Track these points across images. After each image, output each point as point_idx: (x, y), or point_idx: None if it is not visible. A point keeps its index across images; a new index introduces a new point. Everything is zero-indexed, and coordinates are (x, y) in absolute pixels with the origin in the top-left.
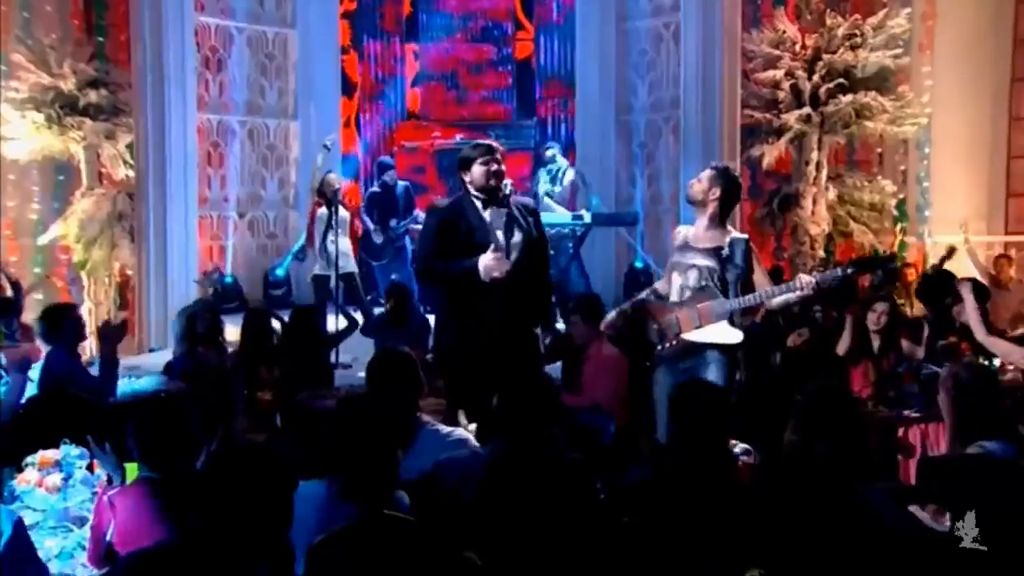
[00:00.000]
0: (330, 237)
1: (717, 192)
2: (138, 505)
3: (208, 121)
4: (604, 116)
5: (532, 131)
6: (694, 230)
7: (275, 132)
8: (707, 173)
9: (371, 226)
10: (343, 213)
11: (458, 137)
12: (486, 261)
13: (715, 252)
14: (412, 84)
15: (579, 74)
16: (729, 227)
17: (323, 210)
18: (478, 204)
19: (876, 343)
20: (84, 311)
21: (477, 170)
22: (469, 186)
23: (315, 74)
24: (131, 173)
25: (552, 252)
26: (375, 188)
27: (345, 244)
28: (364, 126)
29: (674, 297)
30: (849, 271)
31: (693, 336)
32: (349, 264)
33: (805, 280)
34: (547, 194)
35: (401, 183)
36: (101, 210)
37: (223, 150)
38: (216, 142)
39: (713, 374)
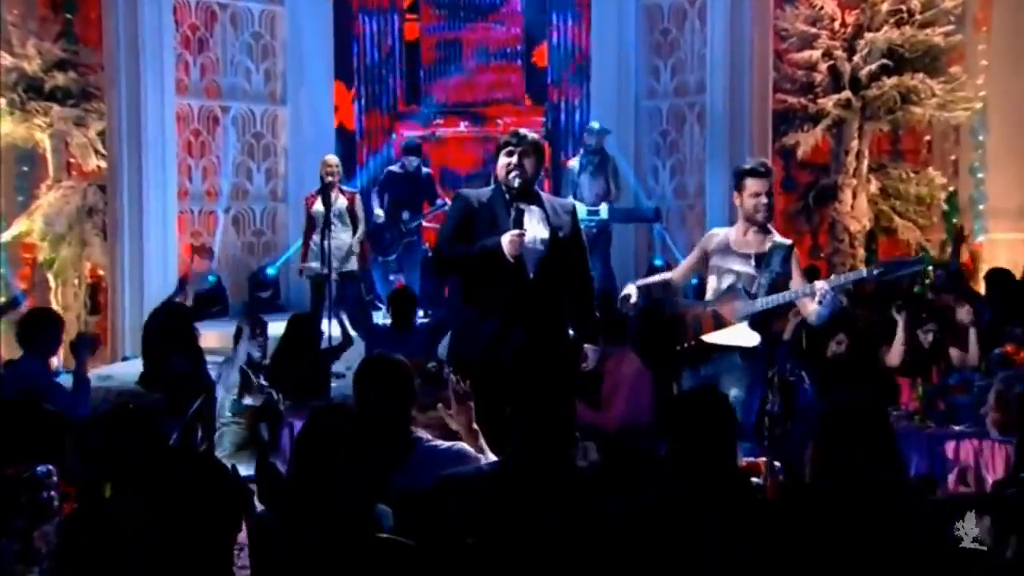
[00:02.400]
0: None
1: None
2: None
3: (188, 107)
4: (622, 101)
5: (543, 118)
6: (735, 233)
7: (262, 119)
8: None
9: (374, 206)
10: (340, 202)
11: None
12: (510, 236)
13: (756, 258)
14: (412, 67)
15: (595, 55)
16: (772, 230)
17: (318, 206)
18: (507, 198)
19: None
20: None
21: (499, 161)
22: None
23: (306, 55)
24: (103, 163)
25: None
26: (395, 168)
27: (346, 238)
28: (359, 115)
29: (709, 298)
30: (875, 273)
31: (712, 338)
32: (349, 263)
33: (818, 286)
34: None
35: (425, 170)
36: (70, 204)
37: (205, 139)
38: (197, 130)
39: (734, 383)
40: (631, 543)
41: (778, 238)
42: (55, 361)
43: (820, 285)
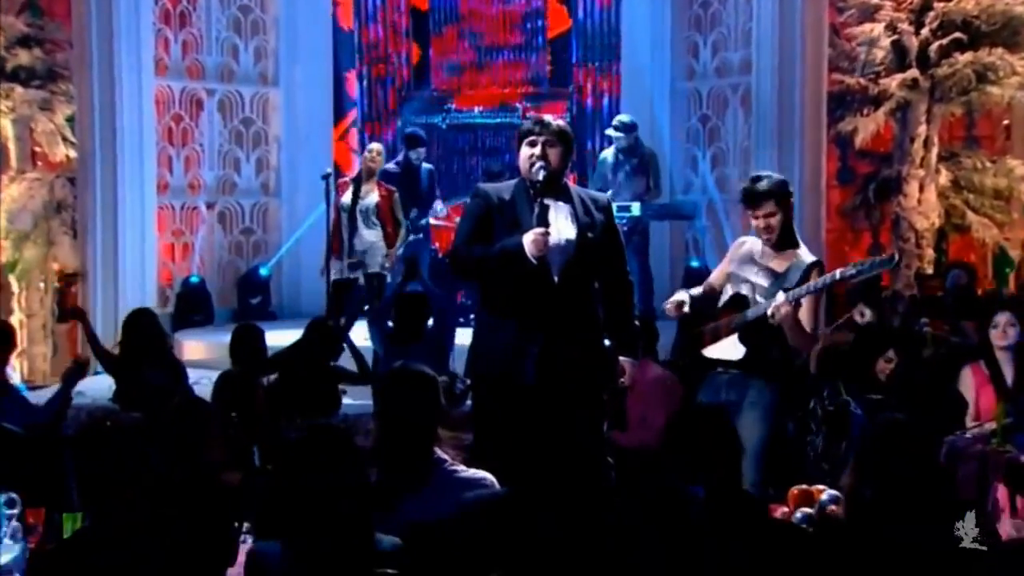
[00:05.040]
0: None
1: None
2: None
3: (168, 89)
4: (657, 83)
5: (568, 102)
6: (762, 245)
7: (252, 103)
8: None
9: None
10: (371, 198)
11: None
12: (533, 235)
13: (774, 273)
14: (420, 45)
15: (626, 30)
16: (801, 246)
17: (346, 198)
18: (531, 193)
19: (1005, 366)
20: (14, 323)
21: (521, 152)
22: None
23: (301, 30)
24: (72, 153)
25: None
26: (391, 165)
27: (375, 236)
28: (361, 97)
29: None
30: (849, 275)
31: (708, 352)
32: (376, 263)
33: (779, 300)
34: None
35: (426, 166)
36: (35, 199)
37: (187, 125)
38: (178, 115)
39: (754, 415)
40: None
41: (804, 255)
42: (14, 376)
43: (779, 299)
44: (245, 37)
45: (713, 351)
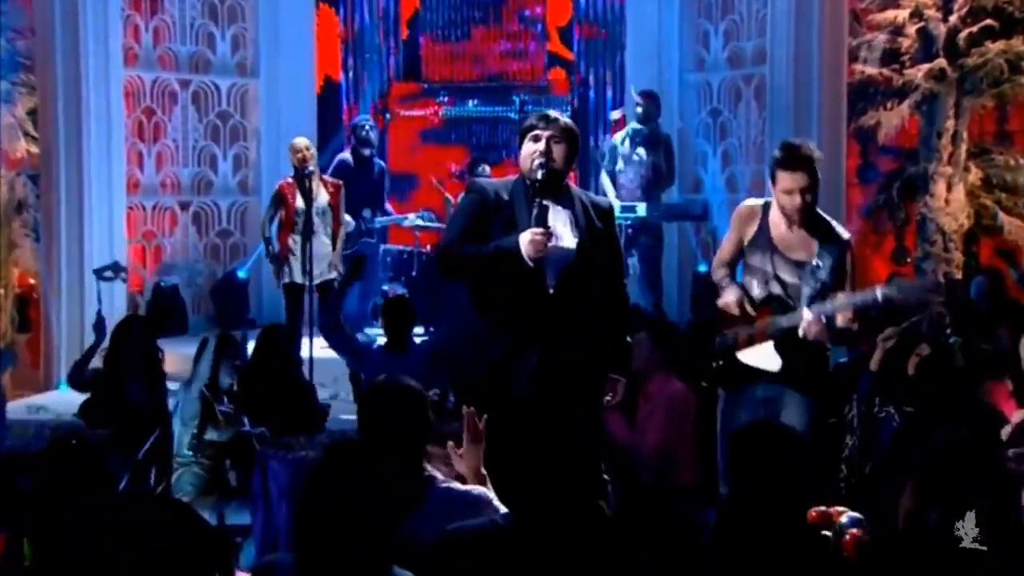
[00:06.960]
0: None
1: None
2: None
3: (139, 80)
4: (664, 74)
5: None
6: (776, 224)
7: (229, 95)
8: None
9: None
10: (322, 197)
11: None
12: (531, 236)
13: (802, 265)
14: (410, 33)
15: (630, 18)
16: (823, 221)
17: (300, 203)
18: (530, 192)
19: None
20: None
21: (523, 148)
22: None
23: (282, 18)
24: (34, 149)
25: None
26: (344, 155)
27: (327, 240)
28: (347, 89)
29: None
30: (884, 299)
31: (742, 357)
32: (329, 271)
33: (807, 317)
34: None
35: (379, 163)
36: None
37: (159, 119)
38: (150, 108)
39: (792, 416)
40: None
41: (830, 234)
42: None
43: (807, 316)
44: (222, 24)
45: (748, 356)
